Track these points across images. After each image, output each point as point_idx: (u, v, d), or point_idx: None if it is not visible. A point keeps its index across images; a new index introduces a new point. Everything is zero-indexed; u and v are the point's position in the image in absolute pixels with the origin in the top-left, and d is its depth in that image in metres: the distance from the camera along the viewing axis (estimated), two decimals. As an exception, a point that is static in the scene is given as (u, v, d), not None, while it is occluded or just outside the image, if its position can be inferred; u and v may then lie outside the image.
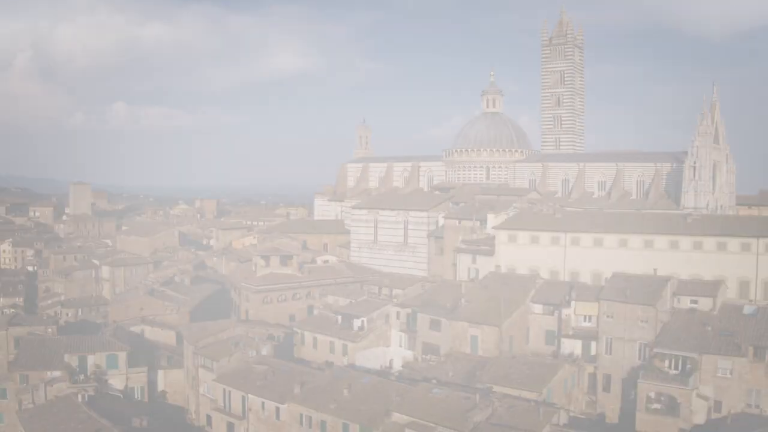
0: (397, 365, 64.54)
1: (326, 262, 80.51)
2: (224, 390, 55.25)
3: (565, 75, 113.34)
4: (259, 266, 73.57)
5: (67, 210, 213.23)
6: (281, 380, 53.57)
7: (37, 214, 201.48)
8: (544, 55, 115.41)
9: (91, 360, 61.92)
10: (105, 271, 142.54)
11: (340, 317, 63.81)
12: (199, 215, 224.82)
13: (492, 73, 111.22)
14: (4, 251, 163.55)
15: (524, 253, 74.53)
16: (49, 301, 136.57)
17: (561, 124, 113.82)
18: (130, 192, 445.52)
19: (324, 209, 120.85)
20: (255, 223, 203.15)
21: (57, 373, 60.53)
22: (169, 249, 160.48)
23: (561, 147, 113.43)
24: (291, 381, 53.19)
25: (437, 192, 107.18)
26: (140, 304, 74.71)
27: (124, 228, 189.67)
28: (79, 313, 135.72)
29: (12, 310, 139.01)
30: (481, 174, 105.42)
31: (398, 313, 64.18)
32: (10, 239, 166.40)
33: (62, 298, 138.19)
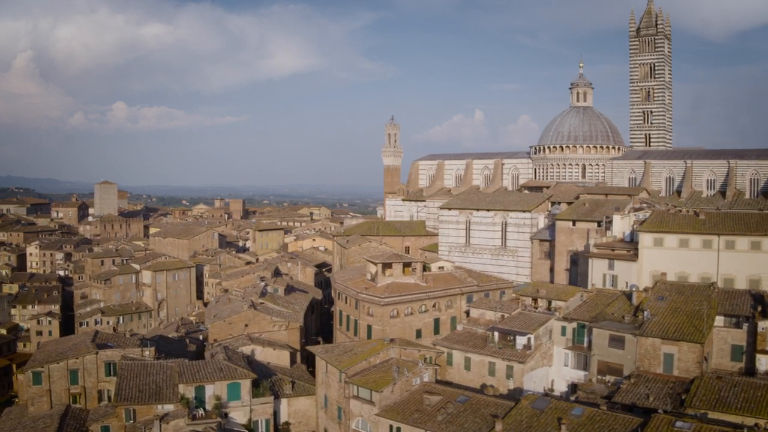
0: (560, 387, 57.11)
1: (441, 268, 72.69)
2: (391, 426, 47.14)
3: (656, 67, 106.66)
4: (380, 275, 65.59)
5: (91, 211, 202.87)
6: (465, 413, 45.60)
7: (60, 215, 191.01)
8: (631, 47, 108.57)
9: (209, 390, 52.96)
10: (146, 275, 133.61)
11: (496, 334, 56.11)
12: (226, 216, 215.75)
13: (581, 65, 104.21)
14: (30, 254, 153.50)
15: (672, 258, 67.31)
16: (88, 309, 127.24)
17: (651, 120, 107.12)
18: (132, 192, 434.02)
19: (397, 209, 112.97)
20: (292, 224, 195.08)
21: (170, 407, 51.53)
22: (209, 252, 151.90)
23: (651, 144, 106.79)
24: (478, 414, 45.36)
25: (526, 191, 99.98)
26: (244, 320, 66.21)
27: (153, 229, 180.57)
28: (120, 320, 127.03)
29: (48, 318, 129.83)
30: (576, 172, 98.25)
31: (563, 328, 56.70)
32: (37, 242, 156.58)
33: (101, 305, 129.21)
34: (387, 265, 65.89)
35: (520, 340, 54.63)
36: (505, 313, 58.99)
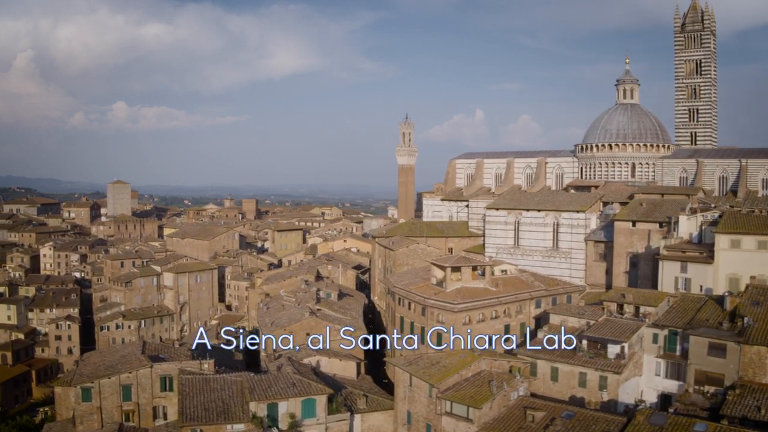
0: (650, 398, 53.94)
1: (504, 272, 69.54)
2: (493, 445, 43.95)
3: (702, 64, 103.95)
4: (448, 279, 62.33)
5: (103, 210, 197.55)
6: (574, 430, 42.44)
7: (72, 215, 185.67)
8: (677, 43, 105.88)
9: (283, 407, 49.01)
10: (167, 278, 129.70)
11: (584, 342, 52.99)
12: (240, 215, 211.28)
13: (627, 60, 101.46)
14: (44, 256, 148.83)
15: (750, 261, 64.38)
16: (108, 312, 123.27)
17: (697, 118, 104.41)
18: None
19: (435, 210, 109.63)
20: (309, 224, 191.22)
21: (241, 427, 47.29)
22: (230, 253, 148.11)
23: (697, 142, 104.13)
24: (589, 431, 42.25)
25: (572, 190, 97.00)
26: (306, 329, 62.60)
27: (167, 230, 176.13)
28: (142, 324, 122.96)
29: (67, 322, 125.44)
30: (625, 171, 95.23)
31: (654, 336, 53.67)
32: (50, 243, 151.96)
33: (122, 308, 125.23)
34: (455, 269, 62.65)
35: (612, 349, 51.44)
36: (590, 320, 55.82)
